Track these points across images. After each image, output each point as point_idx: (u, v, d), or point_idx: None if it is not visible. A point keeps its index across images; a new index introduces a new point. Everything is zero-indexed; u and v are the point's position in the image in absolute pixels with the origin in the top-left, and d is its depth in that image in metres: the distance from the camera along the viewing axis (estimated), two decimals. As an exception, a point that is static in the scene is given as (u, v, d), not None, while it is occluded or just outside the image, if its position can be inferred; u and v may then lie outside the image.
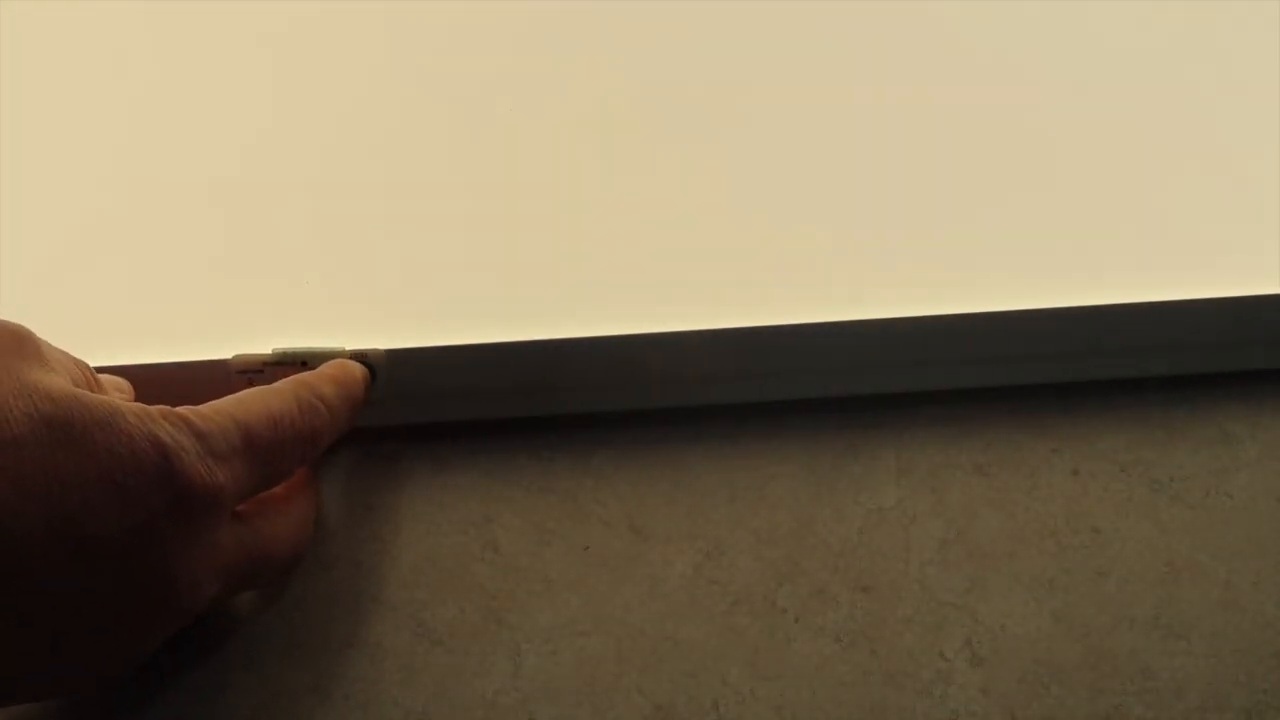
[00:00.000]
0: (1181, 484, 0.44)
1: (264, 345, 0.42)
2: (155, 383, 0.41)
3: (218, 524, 0.33)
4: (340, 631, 0.39)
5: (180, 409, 0.34)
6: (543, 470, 0.43)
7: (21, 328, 0.34)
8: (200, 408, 0.34)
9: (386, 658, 0.39)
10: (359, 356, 0.42)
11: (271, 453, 0.35)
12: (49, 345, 0.35)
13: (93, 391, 0.34)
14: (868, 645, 0.39)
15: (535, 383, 0.44)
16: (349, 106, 0.45)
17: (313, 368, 0.41)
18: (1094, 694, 0.38)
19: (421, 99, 0.46)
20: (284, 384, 0.38)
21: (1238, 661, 0.39)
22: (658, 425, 0.45)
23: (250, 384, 0.40)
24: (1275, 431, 0.45)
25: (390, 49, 0.45)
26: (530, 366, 0.43)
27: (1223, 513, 0.43)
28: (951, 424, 0.45)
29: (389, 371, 0.42)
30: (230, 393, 0.36)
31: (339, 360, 0.41)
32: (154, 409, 0.33)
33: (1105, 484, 0.44)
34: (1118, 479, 0.44)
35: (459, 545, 0.41)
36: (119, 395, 0.39)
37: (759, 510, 0.43)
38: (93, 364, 0.37)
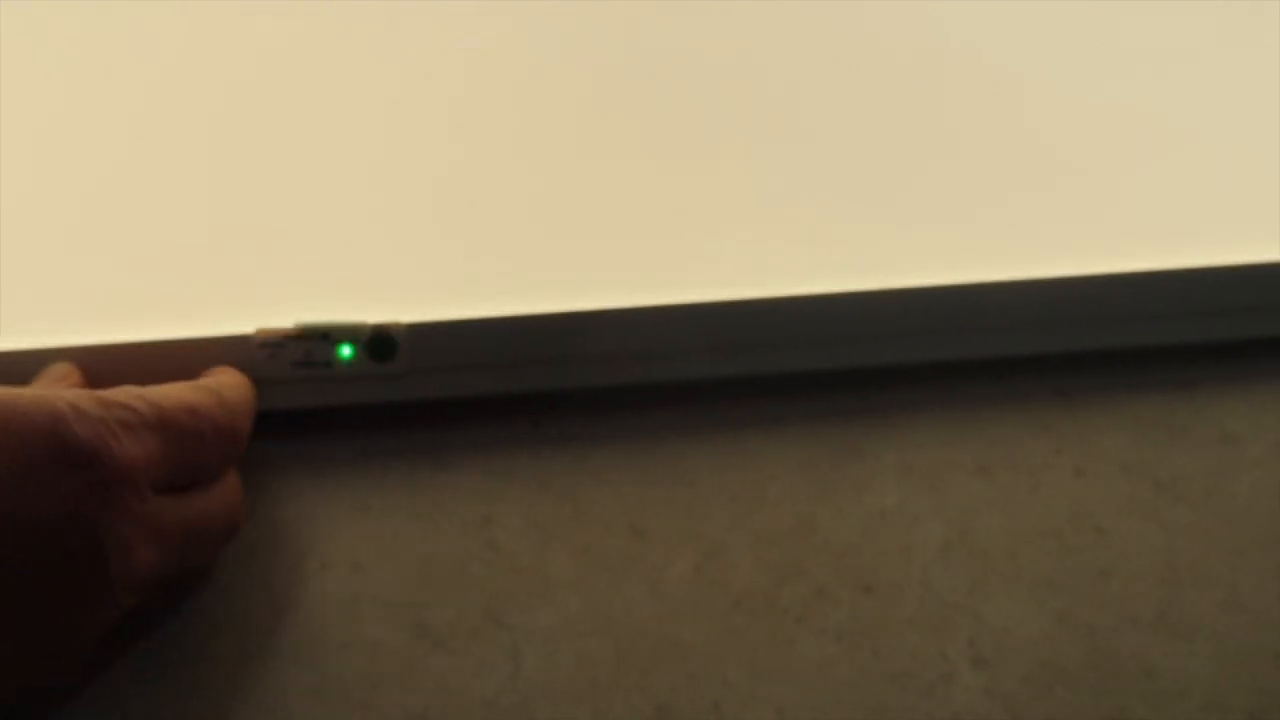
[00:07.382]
0: (1184, 484, 0.43)
1: (285, 319, 0.42)
2: (177, 358, 0.40)
3: (141, 492, 0.33)
4: (340, 632, 0.39)
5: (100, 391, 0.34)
6: (542, 470, 0.43)
7: None
8: (120, 388, 0.34)
9: (386, 658, 0.38)
10: (382, 329, 0.42)
11: (189, 437, 0.35)
12: None
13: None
14: (870, 646, 0.39)
15: (548, 356, 0.44)
16: (366, 84, 0.45)
17: (334, 341, 0.41)
18: (1097, 695, 0.38)
19: (429, 83, 0.46)
20: (204, 381, 0.38)
21: (1241, 662, 0.39)
22: (658, 424, 0.45)
23: (271, 358, 0.41)
24: (1277, 432, 0.45)
25: (398, 22, 0.45)
26: (545, 339, 0.43)
27: (1226, 513, 0.43)
28: (953, 424, 0.45)
29: (412, 344, 0.42)
30: (252, 367, 0.40)
31: (232, 371, 0.40)
32: (66, 390, 0.33)
33: (1108, 484, 0.43)
34: (1120, 479, 0.44)
35: (459, 545, 0.41)
36: (61, 383, 0.39)
37: (760, 510, 0.42)
38: (112, 340, 0.38)
